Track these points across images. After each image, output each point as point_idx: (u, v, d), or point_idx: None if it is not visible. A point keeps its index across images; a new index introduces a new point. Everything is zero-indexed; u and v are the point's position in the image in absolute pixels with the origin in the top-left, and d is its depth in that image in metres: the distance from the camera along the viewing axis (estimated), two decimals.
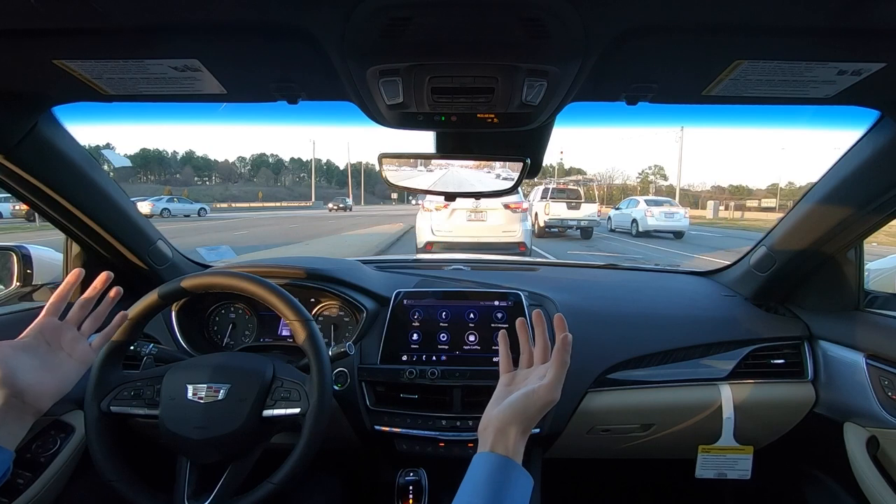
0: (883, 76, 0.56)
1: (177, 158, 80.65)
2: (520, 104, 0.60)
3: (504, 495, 0.52)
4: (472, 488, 0.53)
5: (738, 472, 1.07)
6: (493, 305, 1.06)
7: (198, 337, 1.11)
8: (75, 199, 0.90)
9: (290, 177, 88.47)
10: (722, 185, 70.32)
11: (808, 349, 1.04)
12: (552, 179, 19.12)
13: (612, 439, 1.06)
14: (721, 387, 1.01)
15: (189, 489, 0.76)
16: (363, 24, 0.47)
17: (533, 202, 10.91)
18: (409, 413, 0.97)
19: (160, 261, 1.15)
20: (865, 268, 1.04)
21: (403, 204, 41.26)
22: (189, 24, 0.50)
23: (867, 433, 0.93)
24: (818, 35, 0.49)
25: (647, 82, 0.61)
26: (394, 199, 33.70)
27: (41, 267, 1.17)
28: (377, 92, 0.59)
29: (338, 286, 1.09)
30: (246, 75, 0.62)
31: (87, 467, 0.94)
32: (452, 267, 1.39)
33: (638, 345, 1.02)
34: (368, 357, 1.02)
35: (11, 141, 0.74)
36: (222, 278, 0.81)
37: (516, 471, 0.55)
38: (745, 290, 1.17)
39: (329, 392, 0.77)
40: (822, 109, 0.69)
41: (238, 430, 0.74)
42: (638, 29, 0.49)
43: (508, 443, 0.58)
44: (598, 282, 1.36)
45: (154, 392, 0.78)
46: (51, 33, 0.51)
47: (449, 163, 0.82)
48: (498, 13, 0.46)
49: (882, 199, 0.83)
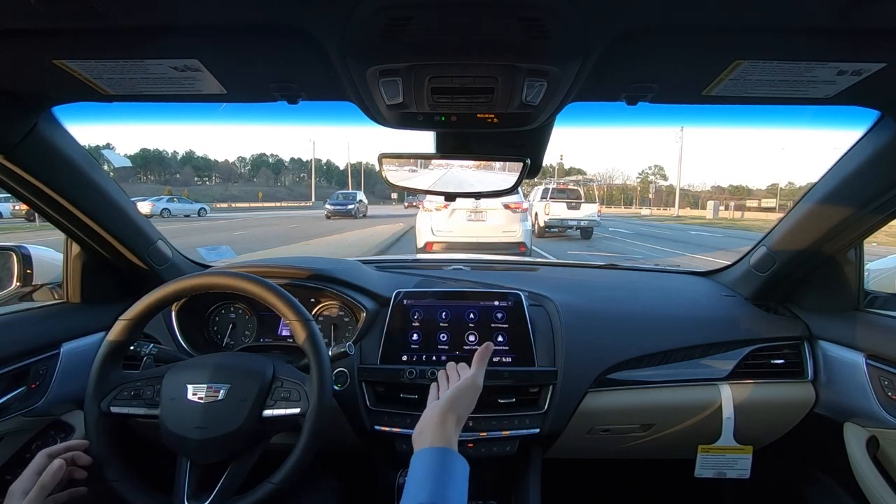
0: (883, 76, 0.56)
1: (177, 158, 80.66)
2: (520, 104, 0.60)
3: (447, 481, 0.57)
4: (416, 484, 0.57)
5: (737, 472, 1.07)
6: (493, 305, 1.05)
7: (198, 337, 1.11)
8: (75, 200, 0.90)
9: (290, 177, 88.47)
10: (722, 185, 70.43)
11: (808, 349, 1.04)
12: (552, 179, 19.12)
13: (612, 439, 1.06)
14: (721, 387, 1.01)
15: (189, 489, 0.75)
16: (363, 24, 0.47)
17: (533, 202, 10.90)
18: (409, 413, 0.97)
19: (160, 261, 1.15)
20: (865, 268, 1.04)
21: (392, 204, 39.06)
22: (189, 24, 0.50)
23: (867, 433, 0.93)
24: (818, 35, 0.49)
25: (647, 82, 0.61)
26: (394, 200, 31.45)
27: (41, 267, 1.17)
28: (377, 92, 0.59)
29: (338, 286, 1.09)
30: (246, 75, 0.62)
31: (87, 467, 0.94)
32: (452, 267, 1.38)
33: (638, 345, 1.02)
34: (368, 357, 1.02)
35: (11, 141, 0.74)
36: (222, 278, 0.81)
37: (453, 457, 0.61)
38: (745, 290, 1.17)
39: (329, 392, 0.77)
40: (822, 109, 0.69)
41: (238, 430, 0.74)
42: (638, 29, 0.49)
43: (447, 432, 0.64)
44: (598, 282, 1.36)
45: (154, 392, 0.78)
46: (51, 33, 0.51)
47: (449, 163, 0.82)
48: (498, 13, 0.46)
49: (882, 199, 0.83)
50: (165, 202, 23.59)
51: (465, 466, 0.61)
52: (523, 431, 0.96)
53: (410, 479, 0.58)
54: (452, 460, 0.60)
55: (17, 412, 0.85)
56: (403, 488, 0.57)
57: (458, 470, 0.59)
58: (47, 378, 0.91)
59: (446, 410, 0.67)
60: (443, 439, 0.62)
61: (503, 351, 1.00)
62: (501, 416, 0.96)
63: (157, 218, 19.38)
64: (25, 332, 0.92)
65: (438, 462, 0.59)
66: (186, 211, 23.58)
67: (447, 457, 0.60)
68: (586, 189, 15.65)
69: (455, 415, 0.67)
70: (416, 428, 0.67)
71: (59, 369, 0.93)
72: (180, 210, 23.15)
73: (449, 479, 0.57)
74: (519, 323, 1.03)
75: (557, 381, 0.98)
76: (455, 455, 0.61)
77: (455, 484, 0.57)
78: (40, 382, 0.90)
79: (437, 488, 0.55)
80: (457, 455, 0.61)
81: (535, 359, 0.99)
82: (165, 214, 21.44)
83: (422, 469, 0.59)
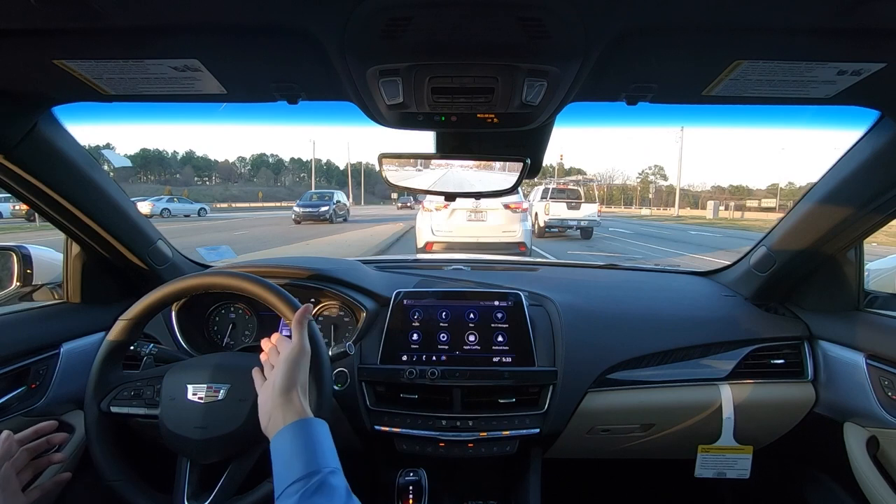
0: (883, 76, 0.56)
1: (177, 158, 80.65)
2: (520, 104, 0.60)
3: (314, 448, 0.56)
4: (284, 466, 0.55)
5: (737, 472, 1.07)
6: (493, 305, 1.05)
7: (198, 337, 1.11)
8: (75, 200, 0.90)
9: (290, 177, 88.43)
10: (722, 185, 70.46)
11: (808, 349, 1.04)
12: (552, 179, 19.11)
13: (612, 439, 1.06)
14: (721, 387, 1.01)
15: (189, 489, 0.75)
16: (363, 24, 0.47)
17: (533, 202, 10.90)
18: (409, 413, 0.97)
19: (160, 261, 1.15)
20: (865, 268, 1.04)
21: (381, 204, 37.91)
22: (189, 24, 0.50)
23: (867, 433, 0.93)
24: (818, 35, 0.49)
25: (647, 82, 0.61)
26: (394, 200, 31.01)
27: (41, 267, 1.17)
28: (377, 92, 0.59)
29: (338, 286, 1.09)
30: (246, 75, 0.62)
31: (87, 467, 0.94)
32: (452, 267, 1.38)
33: (638, 345, 1.02)
34: (368, 357, 1.02)
35: (11, 141, 0.74)
36: (222, 278, 0.81)
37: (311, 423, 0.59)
38: (745, 290, 1.17)
39: (329, 392, 0.77)
40: (822, 109, 0.69)
41: (238, 430, 0.74)
42: (638, 29, 0.49)
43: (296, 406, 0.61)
44: (598, 282, 1.36)
45: (154, 392, 0.78)
46: (51, 33, 0.51)
47: (449, 163, 0.82)
48: (498, 13, 0.46)
49: (882, 199, 0.83)
50: (165, 202, 23.59)
51: (324, 426, 0.60)
52: (523, 431, 0.96)
53: (276, 464, 0.56)
54: (312, 426, 0.59)
55: (17, 412, 0.85)
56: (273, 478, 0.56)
57: (321, 432, 0.59)
58: (47, 378, 0.91)
59: (286, 388, 0.63)
60: (295, 413, 0.60)
61: (503, 351, 1.00)
62: (501, 416, 0.96)
63: (157, 218, 19.37)
64: (25, 332, 0.92)
65: (300, 434, 0.58)
66: (186, 211, 23.57)
67: (306, 426, 0.59)
68: (586, 189, 15.62)
69: (297, 387, 0.64)
70: (261, 419, 0.64)
71: (59, 369, 0.93)
72: (180, 210, 23.14)
73: (316, 445, 0.57)
74: (519, 323, 1.03)
75: (557, 381, 0.98)
76: (312, 421, 0.60)
77: (322, 444, 0.57)
78: (40, 382, 0.90)
79: (307, 458, 0.54)
80: (314, 420, 0.60)
81: (535, 359, 0.99)
82: (165, 214, 21.43)
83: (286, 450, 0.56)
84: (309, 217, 16.17)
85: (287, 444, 0.57)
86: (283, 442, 0.58)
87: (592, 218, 11.40)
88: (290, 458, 0.55)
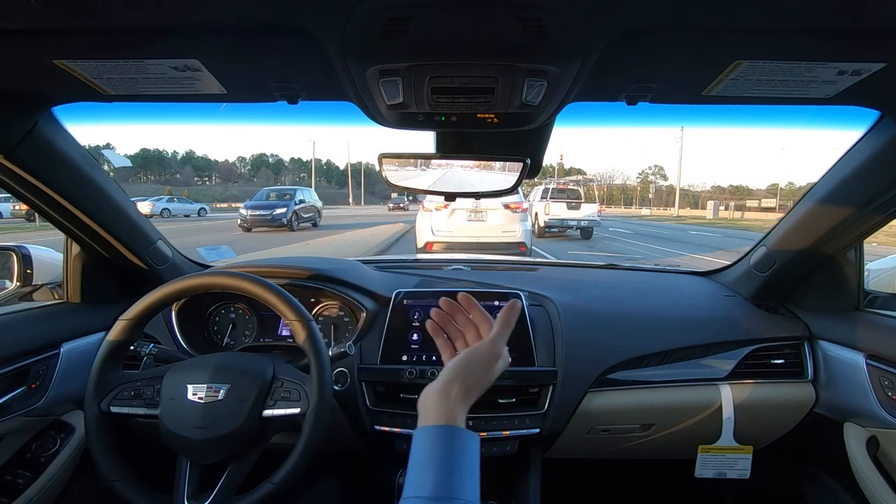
0: (883, 76, 0.56)
1: (177, 158, 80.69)
2: (520, 104, 0.60)
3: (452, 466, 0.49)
4: (417, 473, 0.49)
5: (737, 472, 1.07)
6: (493, 305, 1.05)
7: (198, 337, 1.11)
8: (75, 200, 0.90)
9: (290, 177, 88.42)
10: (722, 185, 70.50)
11: (808, 349, 1.04)
12: (552, 179, 19.11)
13: (612, 439, 1.06)
14: (721, 387, 1.01)
15: (189, 489, 0.75)
16: (363, 24, 0.47)
17: (533, 202, 10.90)
18: (409, 413, 0.96)
19: (160, 261, 1.15)
20: (865, 268, 1.04)
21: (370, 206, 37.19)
22: (189, 24, 0.50)
23: (867, 433, 0.93)
24: (818, 35, 0.49)
25: (647, 82, 0.61)
26: (389, 201, 30.72)
27: (41, 267, 1.17)
28: (377, 92, 0.58)
29: (338, 286, 1.09)
30: (246, 75, 0.62)
31: (87, 467, 0.94)
32: (452, 267, 1.38)
33: (638, 345, 1.02)
34: (368, 357, 1.02)
35: (11, 141, 0.74)
36: (222, 278, 0.81)
37: (458, 434, 0.52)
38: (745, 290, 1.17)
39: (329, 392, 0.77)
40: (822, 109, 0.69)
41: (238, 430, 0.74)
42: (638, 29, 0.49)
43: (449, 406, 0.54)
44: (598, 282, 1.36)
45: (154, 392, 0.78)
46: (51, 33, 0.50)
47: (449, 163, 0.82)
48: (498, 13, 0.46)
49: (882, 199, 0.83)
50: (165, 202, 23.60)
51: (474, 441, 0.52)
52: (523, 431, 0.96)
53: (412, 464, 0.50)
54: (457, 439, 0.51)
55: (17, 412, 0.85)
56: (406, 477, 0.50)
57: (466, 448, 0.51)
58: (47, 378, 0.91)
59: (451, 379, 0.56)
60: (445, 415, 0.53)
61: None
62: (501, 416, 0.96)
63: (157, 218, 19.37)
64: (25, 332, 0.92)
65: (440, 444, 0.51)
66: (186, 211, 23.58)
67: (451, 436, 0.51)
68: (586, 189, 15.64)
69: (462, 385, 0.56)
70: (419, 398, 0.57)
71: (59, 369, 0.93)
72: (180, 210, 23.16)
73: (455, 462, 0.49)
74: (519, 323, 1.02)
75: (557, 381, 0.98)
76: (459, 432, 0.52)
77: (462, 466, 0.49)
78: (40, 382, 0.90)
79: (441, 477, 0.48)
80: (462, 431, 0.52)
81: (535, 359, 0.99)
82: (165, 214, 21.43)
83: (423, 454, 0.50)
84: (260, 222, 12.51)
85: (426, 446, 0.51)
86: (422, 443, 0.51)
87: (592, 218, 11.40)
88: (424, 465, 0.49)
